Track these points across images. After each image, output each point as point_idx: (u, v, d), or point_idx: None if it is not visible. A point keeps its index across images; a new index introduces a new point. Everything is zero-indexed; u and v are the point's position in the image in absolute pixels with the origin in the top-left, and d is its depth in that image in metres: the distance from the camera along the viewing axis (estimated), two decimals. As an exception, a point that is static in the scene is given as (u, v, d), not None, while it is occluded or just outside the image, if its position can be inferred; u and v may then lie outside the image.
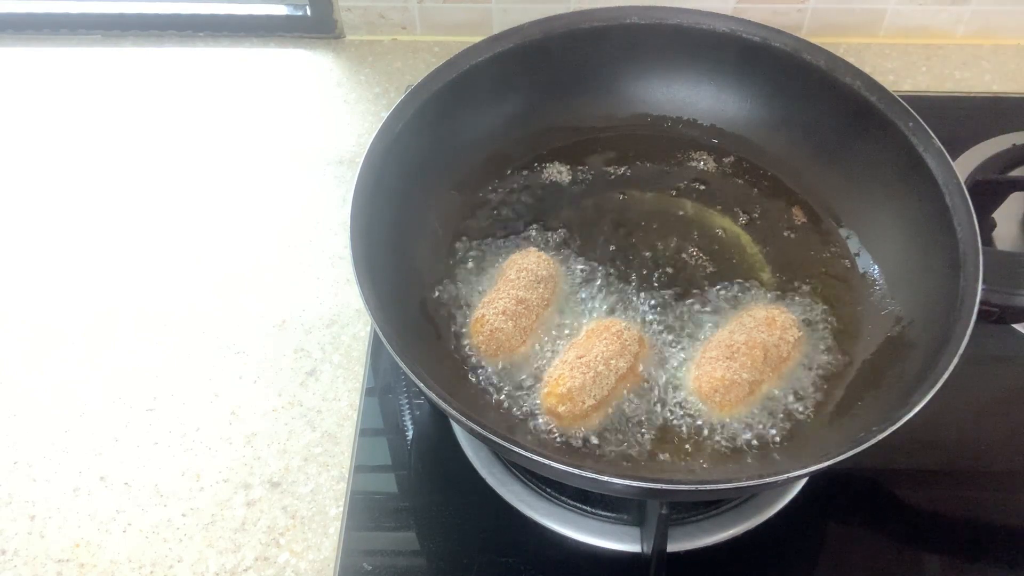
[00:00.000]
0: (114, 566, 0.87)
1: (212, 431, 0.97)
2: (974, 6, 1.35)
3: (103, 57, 1.37)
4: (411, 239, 0.97)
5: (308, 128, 1.28)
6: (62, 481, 0.93)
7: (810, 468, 0.71)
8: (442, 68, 1.00)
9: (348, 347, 1.04)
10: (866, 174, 1.00)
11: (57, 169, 1.23)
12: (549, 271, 0.94)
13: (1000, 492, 0.93)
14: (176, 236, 1.15)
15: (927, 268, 0.89)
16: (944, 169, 0.90)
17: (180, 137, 1.27)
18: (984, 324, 0.81)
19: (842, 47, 1.38)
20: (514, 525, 0.89)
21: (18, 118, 1.30)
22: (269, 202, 1.19)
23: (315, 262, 1.12)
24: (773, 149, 1.08)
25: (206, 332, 1.05)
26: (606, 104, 1.11)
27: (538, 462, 0.71)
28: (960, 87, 1.34)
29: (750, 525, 0.88)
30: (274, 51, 1.39)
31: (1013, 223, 1.12)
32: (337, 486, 0.93)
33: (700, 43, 1.06)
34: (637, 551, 0.87)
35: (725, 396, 0.85)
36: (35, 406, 0.99)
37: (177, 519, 0.90)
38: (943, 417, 0.93)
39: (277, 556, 0.88)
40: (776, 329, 0.88)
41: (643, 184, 1.06)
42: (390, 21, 1.39)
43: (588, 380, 0.84)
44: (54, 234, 1.15)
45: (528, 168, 1.07)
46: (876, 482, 0.93)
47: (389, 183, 0.91)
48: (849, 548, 0.89)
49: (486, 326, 0.89)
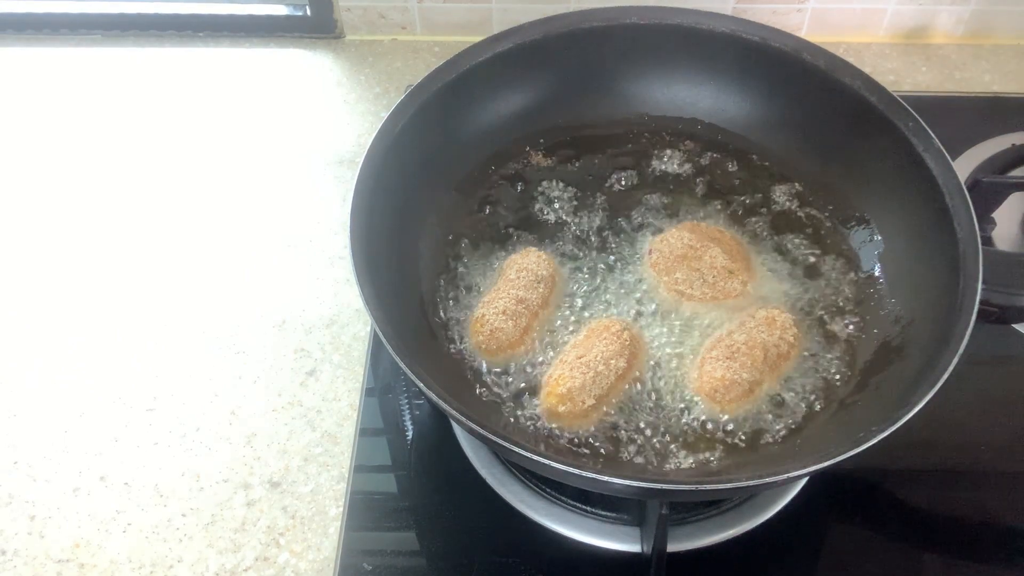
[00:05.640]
0: (114, 566, 0.87)
1: (212, 431, 0.97)
2: (974, 6, 1.35)
3: (103, 57, 1.37)
4: (411, 239, 0.97)
5: (308, 128, 1.28)
6: (62, 481, 0.93)
7: (810, 468, 0.71)
8: (442, 68, 1.00)
9: (348, 347, 1.04)
10: (866, 174, 1.00)
11: (57, 169, 1.23)
12: (549, 271, 0.94)
13: (1000, 492, 0.93)
14: (176, 236, 1.15)
15: (927, 268, 0.89)
16: (944, 169, 0.90)
17: (180, 137, 1.27)
18: (984, 324, 0.81)
19: (842, 47, 1.38)
20: (514, 525, 0.89)
21: (18, 118, 1.30)
22: (269, 202, 1.19)
23: (315, 262, 1.12)
24: (773, 149, 1.08)
25: (206, 332, 1.05)
26: (606, 104, 1.11)
27: (538, 462, 0.71)
28: (960, 87, 1.34)
29: (750, 525, 0.88)
30: (274, 51, 1.39)
31: (1013, 223, 1.12)
32: (337, 486, 0.93)
33: (700, 43, 1.06)
34: (637, 551, 0.87)
35: (725, 395, 0.85)
36: (35, 406, 0.99)
37: (177, 519, 0.90)
38: (943, 417, 0.92)
39: (277, 556, 0.88)
40: (776, 329, 0.88)
41: (643, 184, 1.06)
42: (390, 21, 1.39)
43: (588, 380, 0.84)
44: (54, 234, 1.15)
45: (528, 168, 1.07)
46: (876, 482, 0.93)
47: (389, 183, 0.92)
48: (849, 548, 0.89)
49: (486, 326, 0.89)
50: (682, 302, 0.93)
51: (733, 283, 0.94)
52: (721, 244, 0.97)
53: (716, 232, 0.99)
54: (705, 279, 0.94)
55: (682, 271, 0.94)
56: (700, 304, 0.93)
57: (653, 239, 0.99)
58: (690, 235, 0.97)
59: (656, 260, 0.96)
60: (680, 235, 0.97)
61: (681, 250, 0.96)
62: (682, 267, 0.94)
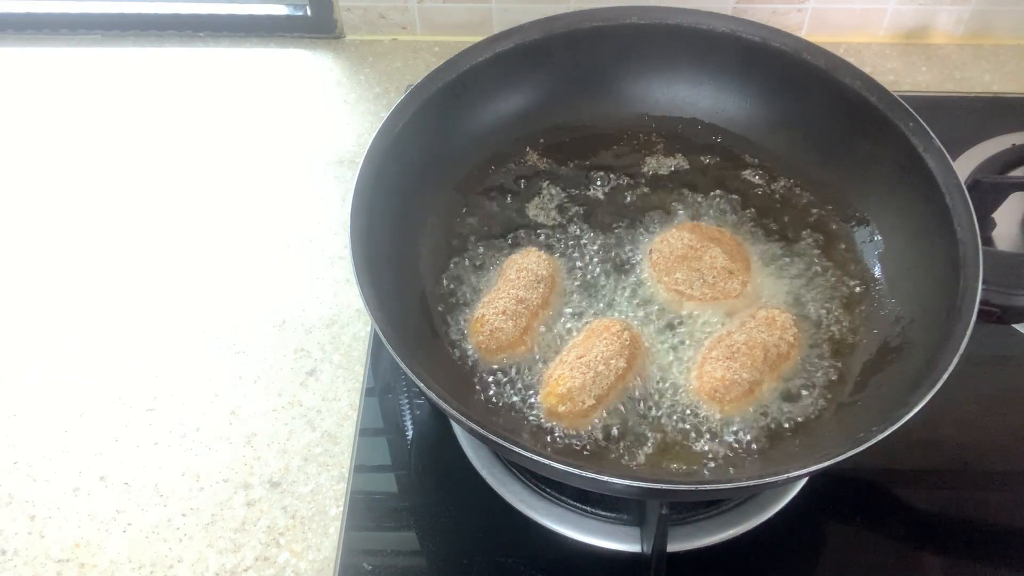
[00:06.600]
0: (114, 566, 0.87)
1: (212, 431, 0.97)
2: (974, 6, 1.35)
3: (103, 57, 1.37)
4: (411, 239, 0.97)
5: (308, 128, 1.28)
6: (62, 481, 0.93)
7: (810, 468, 0.71)
8: (442, 68, 1.00)
9: (348, 347, 1.04)
10: (866, 174, 1.00)
11: (57, 169, 1.23)
12: (549, 271, 0.94)
13: (1000, 492, 0.93)
14: (176, 236, 1.15)
15: (927, 268, 0.89)
16: (944, 169, 0.90)
17: (180, 137, 1.27)
18: (984, 324, 0.81)
19: (842, 47, 1.38)
20: (514, 525, 0.89)
21: (18, 118, 1.30)
22: (269, 202, 1.19)
23: (315, 262, 1.12)
24: (773, 149, 1.08)
25: (206, 332, 1.05)
26: (606, 104, 1.11)
27: (538, 462, 0.71)
28: (960, 87, 1.34)
29: (750, 525, 0.88)
30: (274, 51, 1.39)
31: (1013, 223, 1.12)
32: (337, 486, 0.93)
33: (700, 43, 1.06)
34: (637, 551, 0.87)
35: (725, 395, 0.85)
36: (35, 406, 0.99)
37: (177, 519, 0.90)
38: (943, 417, 0.93)
39: (277, 556, 0.88)
40: (776, 329, 0.88)
41: (643, 184, 1.06)
42: (390, 21, 1.39)
43: (588, 380, 0.84)
44: (54, 234, 1.15)
45: (528, 168, 1.07)
46: (876, 482, 0.93)
47: (389, 183, 0.92)
48: (849, 548, 0.89)
49: (486, 326, 0.89)
50: (682, 302, 0.93)
51: (733, 283, 0.94)
52: (721, 244, 0.97)
53: (716, 232, 0.99)
54: (705, 279, 0.94)
55: (682, 271, 0.94)
56: (700, 304, 0.93)
57: (653, 239, 0.99)
58: (690, 235, 0.97)
59: (656, 260, 0.96)
60: (680, 235, 0.97)
61: (681, 250, 0.96)
62: (682, 267, 0.94)
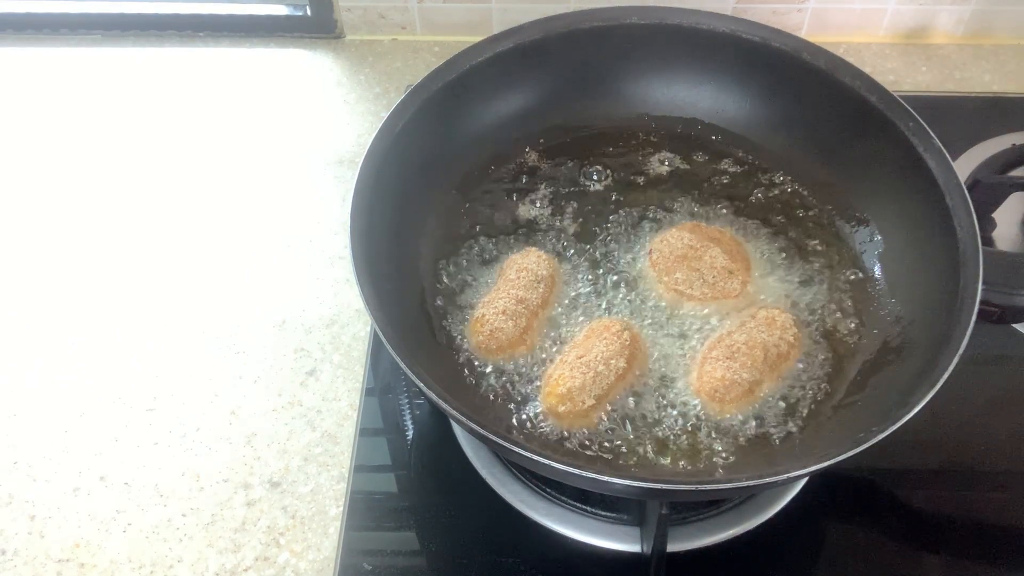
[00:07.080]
0: (114, 566, 0.87)
1: (212, 431, 0.97)
2: (974, 6, 1.35)
3: (103, 57, 1.37)
4: (411, 239, 0.97)
5: (308, 128, 1.28)
6: (62, 481, 0.93)
7: (810, 468, 0.71)
8: (442, 68, 1.00)
9: (348, 347, 1.04)
10: (866, 174, 1.00)
11: (57, 169, 1.23)
12: (549, 271, 0.94)
13: (1000, 492, 0.93)
14: (176, 236, 1.15)
15: (927, 268, 0.89)
16: (944, 169, 0.90)
17: (180, 137, 1.27)
18: (984, 324, 0.81)
19: (842, 47, 1.38)
20: (514, 525, 0.89)
21: (18, 118, 1.30)
22: (269, 202, 1.19)
23: (315, 262, 1.12)
24: (773, 149, 1.08)
25: (206, 332, 1.05)
26: (606, 104, 1.11)
27: (538, 462, 0.71)
28: (960, 87, 1.34)
29: (750, 525, 0.88)
30: (274, 51, 1.39)
31: (1013, 223, 1.12)
32: (337, 486, 0.93)
33: (700, 43, 1.06)
34: (637, 551, 0.87)
35: (725, 395, 0.85)
36: (35, 406, 0.99)
37: (177, 519, 0.90)
38: (943, 417, 0.93)
39: (277, 556, 0.88)
40: (776, 329, 0.88)
41: (643, 184, 1.06)
42: (390, 21, 1.39)
43: (588, 380, 0.84)
44: (54, 234, 1.15)
45: (528, 168, 1.07)
46: (876, 482, 0.93)
47: (389, 183, 0.92)
48: (849, 548, 0.89)
49: (486, 326, 0.89)
50: (682, 302, 0.93)
51: (733, 283, 0.94)
52: (721, 244, 0.97)
53: (716, 232, 0.99)
54: (705, 279, 0.94)
55: (682, 271, 0.94)
56: (700, 304, 0.93)
57: (653, 239, 0.99)
58: (690, 235, 0.97)
59: (656, 260, 0.96)
60: (680, 235, 0.97)
61: (681, 250, 0.96)
62: (682, 267, 0.94)
